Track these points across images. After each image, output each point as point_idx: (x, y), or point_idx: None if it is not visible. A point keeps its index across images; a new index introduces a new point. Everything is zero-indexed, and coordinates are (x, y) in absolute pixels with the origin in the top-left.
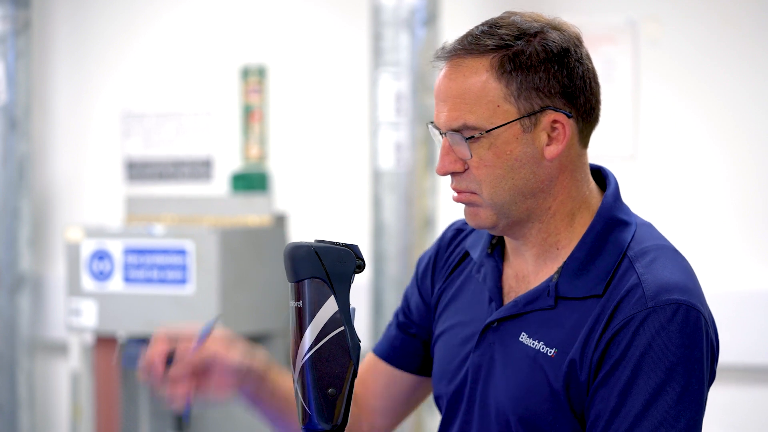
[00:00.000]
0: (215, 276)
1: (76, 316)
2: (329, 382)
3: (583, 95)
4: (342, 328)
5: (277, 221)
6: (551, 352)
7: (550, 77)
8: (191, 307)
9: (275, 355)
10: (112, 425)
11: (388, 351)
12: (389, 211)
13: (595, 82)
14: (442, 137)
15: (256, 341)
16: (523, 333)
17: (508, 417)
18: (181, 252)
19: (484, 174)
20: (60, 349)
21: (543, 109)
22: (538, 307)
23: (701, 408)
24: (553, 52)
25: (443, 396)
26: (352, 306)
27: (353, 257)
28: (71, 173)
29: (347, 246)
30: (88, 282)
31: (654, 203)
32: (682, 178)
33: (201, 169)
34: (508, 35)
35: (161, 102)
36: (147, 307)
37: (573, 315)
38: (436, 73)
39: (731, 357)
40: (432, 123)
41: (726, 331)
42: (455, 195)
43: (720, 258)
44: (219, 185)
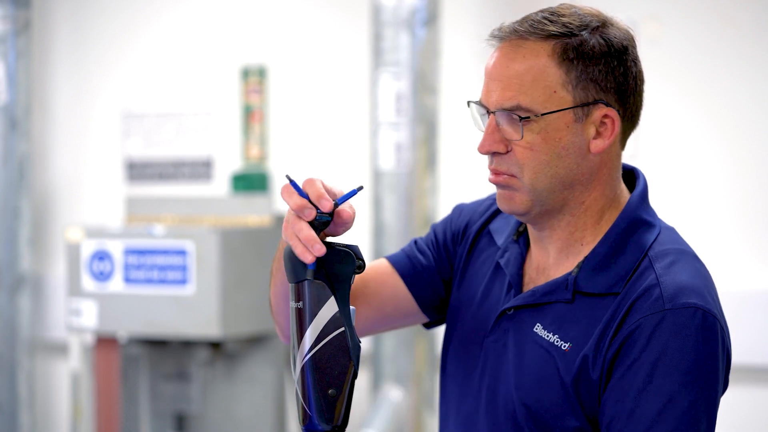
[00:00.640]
0: (215, 276)
1: (76, 316)
2: (329, 382)
3: (633, 96)
4: (342, 328)
5: (278, 221)
6: (566, 346)
7: (608, 72)
8: (191, 308)
9: (275, 356)
10: (112, 425)
11: (411, 273)
12: (389, 211)
13: (643, 85)
14: (487, 115)
15: (256, 341)
16: (539, 324)
17: (515, 406)
18: (182, 252)
19: (528, 158)
20: (60, 349)
21: (596, 102)
22: (555, 299)
23: (714, 415)
24: (614, 47)
25: (453, 374)
26: (352, 307)
27: (353, 258)
28: (71, 173)
29: (347, 247)
30: (88, 282)
31: (654, 203)
32: (682, 177)
33: (201, 170)
34: (571, 24)
35: (161, 102)
36: (147, 308)
37: (590, 311)
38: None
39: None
40: (476, 102)
41: None
42: (492, 176)
43: (720, 258)
44: (219, 185)
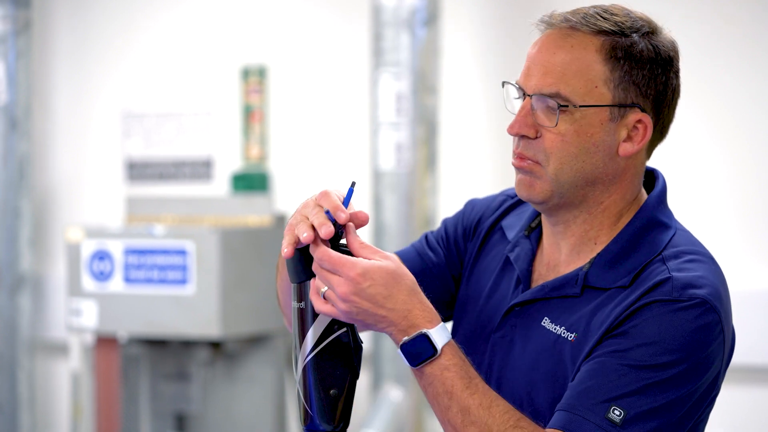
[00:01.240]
0: (216, 276)
1: (76, 316)
2: (331, 382)
3: (668, 108)
4: (344, 329)
5: (278, 221)
6: (572, 336)
7: (651, 78)
8: (192, 308)
9: (275, 356)
10: (112, 425)
11: (421, 268)
12: (390, 212)
13: (678, 100)
14: (522, 98)
15: (256, 341)
16: (546, 318)
17: (522, 404)
18: (182, 252)
19: (557, 147)
20: (60, 349)
21: (633, 105)
22: (563, 294)
23: (684, 404)
24: (661, 56)
25: None
26: None
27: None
28: (72, 173)
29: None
30: (88, 282)
31: None
32: (682, 177)
33: (201, 170)
34: (623, 24)
35: (161, 102)
36: (147, 308)
37: (595, 302)
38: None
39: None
40: (512, 84)
41: None
42: (516, 160)
43: (720, 258)
44: (219, 185)
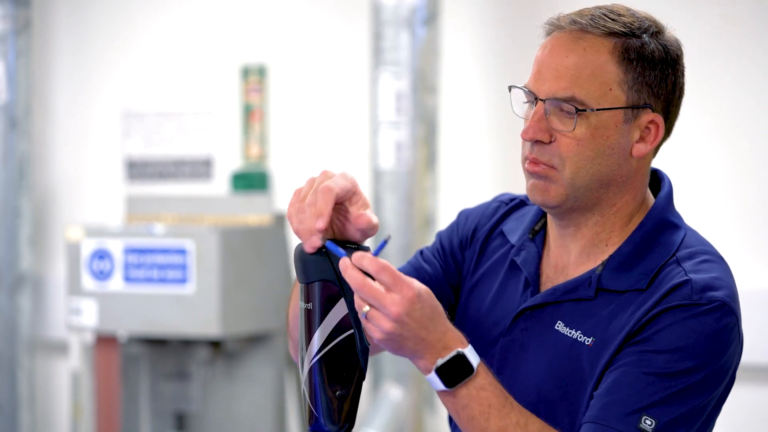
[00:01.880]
0: (215, 275)
1: (76, 315)
2: (337, 384)
3: (675, 107)
4: (351, 330)
5: (278, 221)
6: (589, 341)
7: (662, 79)
8: (192, 307)
9: (276, 355)
10: (112, 425)
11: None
12: (390, 211)
13: (683, 98)
14: (534, 103)
15: (256, 340)
16: (560, 322)
17: (537, 408)
18: (182, 251)
19: (573, 151)
20: (60, 349)
21: (646, 106)
22: (576, 297)
23: (707, 406)
24: (671, 56)
25: None
26: None
27: None
28: (72, 172)
29: (358, 248)
30: (88, 281)
31: None
32: (681, 175)
33: (201, 169)
34: (632, 24)
35: (161, 101)
36: (147, 307)
37: (610, 305)
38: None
39: None
40: (521, 88)
41: None
42: (530, 165)
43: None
44: (219, 185)
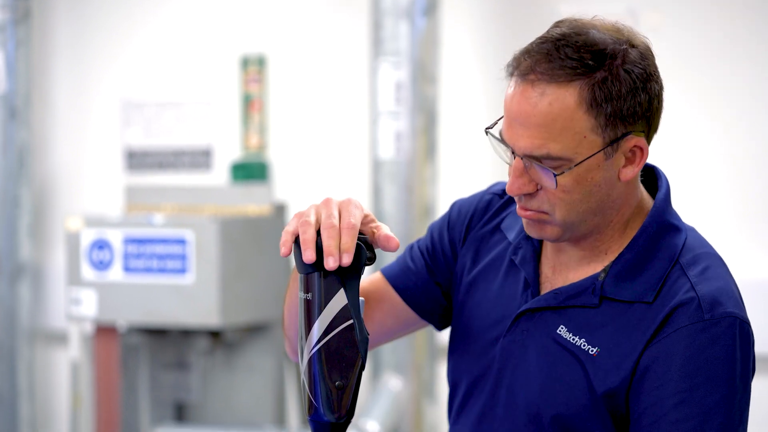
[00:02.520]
0: (215, 265)
1: (75, 305)
2: (337, 374)
3: (658, 113)
4: (351, 321)
5: (277, 211)
6: (594, 351)
7: (635, 104)
8: (191, 297)
9: (275, 345)
10: (112, 414)
11: (405, 285)
12: (389, 200)
13: (663, 92)
14: (513, 156)
15: (255, 330)
16: (562, 326)
17: (540, 411)
18: (181, 241)
19: (560, 199)
20: (60, 339)
21: (625, 135)
22: (580, 303)
23: (746, 420)
24: (639, 79)
25: (464, 375)
26: (361, 298)
27: (363, 250)
28: (71, 162)
29: (358, 238)
30: (87, 271)
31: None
32: (680, 166)
33: (201, 159)
34: (591, 57)
35: (161, 91)
36: (147, 297)
37: (618, 318)
38: (436, 59)
39: None
40: (498, 138)
41: None
42: (521, 211)
43: (717, 247)
44: (219, 175)
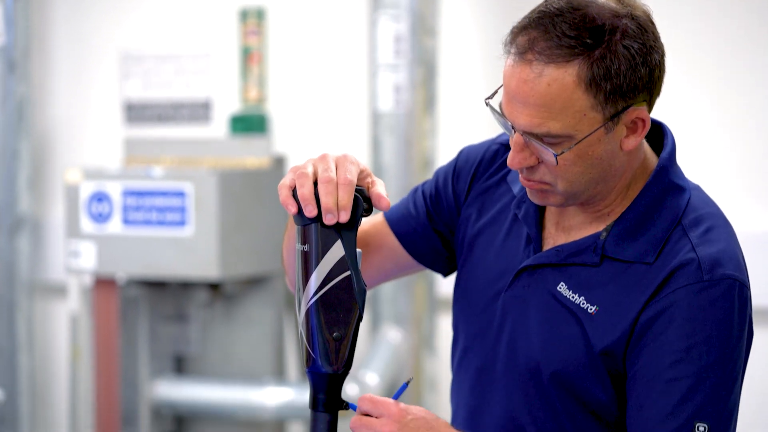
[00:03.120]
0: (214, 218)
1: (75, 258)
2: (334, 326)
3: (659, 81)
4: (348, 272)
5: (276, 163)
6: (592, 309)
7: (636, 79)
8: (190, 249)
9: (274, 297)
10: (111, 367)
11: (405, 230)
12: (389, 153)
13: (664, 59)
14: (513, 132)
15: (255, 283)
16: (563, 283)
17: (539, 366)
18: (180, 194)
19: (561, 171)
20: (59, 291)
21: (626, 108)
22: (581, 262)
23: (741, 381)
24: (639, 54)
25: (465, 328)
26: (358, 250)
27: (360, 201)
28: (70, 115)
29: (354, 190)
30: (87, 224)
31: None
32: (677, 120)
33: (200, 111)
34: (589, 35)
35: (160, 44)
36: (146, 249)
37: (618, 277)
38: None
39: None
40: (497, 110)
41: None
42: (523, 180)
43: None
44: (218, 127)
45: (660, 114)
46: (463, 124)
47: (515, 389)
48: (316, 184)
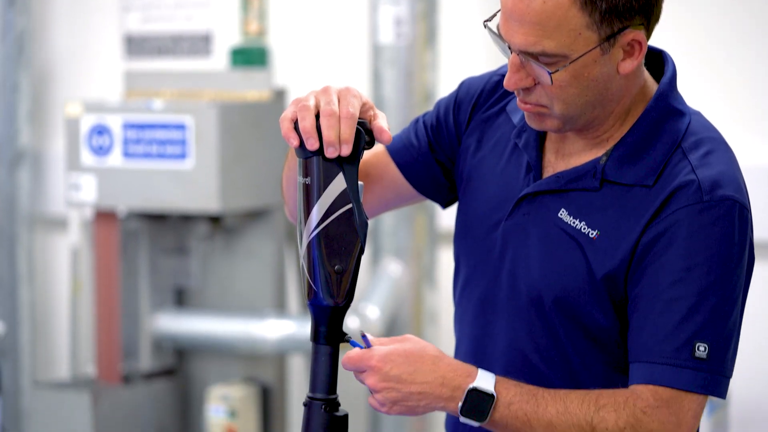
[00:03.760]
0: (215, 151)
1: (75, 190)
2: (336, 258)
3: (657, 6)
4: (350, 205)
5: (277, 96)
6: (593, 234)
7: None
8: (191, 182)
9: (275, 230)
10: (111, 300)
11: (406, 160)
12: (389, 86)
13: None
14: (510, 52)
15: (255, 216)
16: (563, 210)
17: (541, 293)
18: (181, 127)
19: (558, 93)
20: (59, 224)
21: (622, 30)
22: (581, 187)
23: (743, 303)
24: None
25: (466, 258)
26: (360, 182)
27: (362, 134)
28: (71, 48)
29: (357, 123)
30: (87, 157)
31: None
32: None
33: (200, 44)
34: None
35: None
36: (146, 182)
37: (618, 201)
38: None
39: None
40: (495, 33)
41: None
42: (520, 103)
43: None
44: (218, 60)
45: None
46: (464, 57)
47: (518, 317)
48: (318, 116)
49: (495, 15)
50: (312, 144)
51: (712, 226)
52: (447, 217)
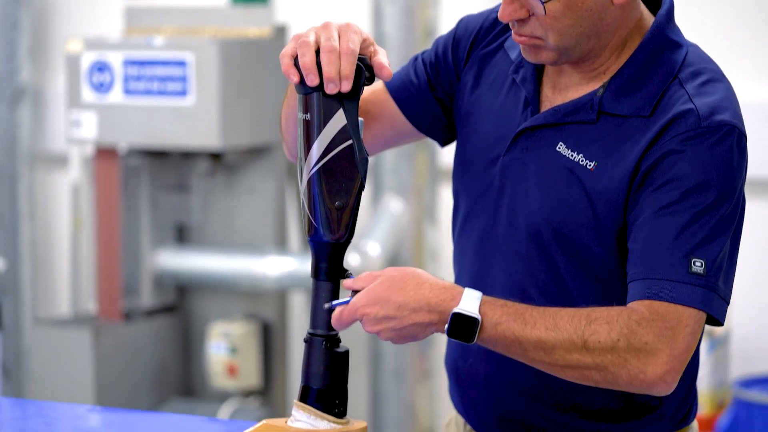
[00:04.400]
0: (215, 88)
1: (76, 127)
2: (336, 194)
3: None
4: (350, 141)
5: (278, 32)
6: (591, 165)
7: None
8: (191, 119)
9: (276, 167)
10: (112, 237)
11: (405, 97)
12: (390, 22)
13: None
14: None
15: (256, 152)
16: (561, 143)
17: (540, 227)
18: (181, 63)
19: (552, 24)
20: (60, 161)
21: None
22: (578, 120)
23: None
24: None
25: (465, 195)
26: (360, 119)
27: (362, 70)
28: None
29: (357, 59)
30: (88, 93)
31: None
32: None
33: None
34: None
35: None
36: (147, 119)
37: (615, 131)
38: None
39: None
40: None
41: None
42: (515, 36)
43: None
44: None
45: None
46: None
47: (517, 252)
48: (318, 52)
49: None
50: (312, 80)
51: (709, 150)
52: (448, 154)
